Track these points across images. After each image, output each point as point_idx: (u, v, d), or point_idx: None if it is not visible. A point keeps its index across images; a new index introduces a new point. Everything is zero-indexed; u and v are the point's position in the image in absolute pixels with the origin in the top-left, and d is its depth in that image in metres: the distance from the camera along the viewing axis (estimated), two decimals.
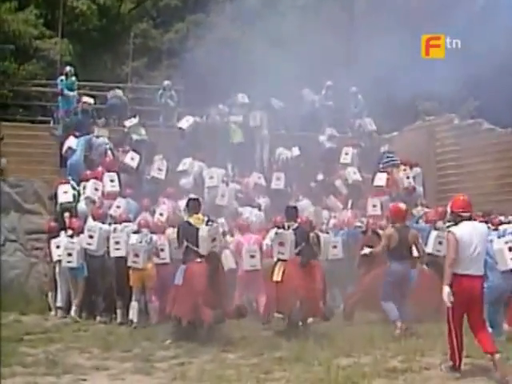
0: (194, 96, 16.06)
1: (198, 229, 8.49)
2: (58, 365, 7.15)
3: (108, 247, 10.51)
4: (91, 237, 10.63)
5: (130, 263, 9.96)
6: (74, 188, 12.16)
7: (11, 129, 14.09)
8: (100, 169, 12.53)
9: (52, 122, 15.30)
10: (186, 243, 8.52)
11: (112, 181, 12.26)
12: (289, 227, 9.14)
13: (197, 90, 16.40)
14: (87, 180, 12.20)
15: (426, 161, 14.61)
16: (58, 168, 13.43)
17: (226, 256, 10.24)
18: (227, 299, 8.87)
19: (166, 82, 15.81)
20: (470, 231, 6.53)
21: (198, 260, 8.41)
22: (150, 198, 12.12)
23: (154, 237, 10.31)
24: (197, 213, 8.86)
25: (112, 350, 8.03)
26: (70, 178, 12.47)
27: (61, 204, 11.94)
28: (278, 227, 9.64)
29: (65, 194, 12.01)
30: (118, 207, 11.64)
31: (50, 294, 11.15)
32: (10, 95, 17.52)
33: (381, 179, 13.25)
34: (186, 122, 14.10)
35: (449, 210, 7.01)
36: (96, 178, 12.23)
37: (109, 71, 20.00)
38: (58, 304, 10.89)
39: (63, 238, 11.00)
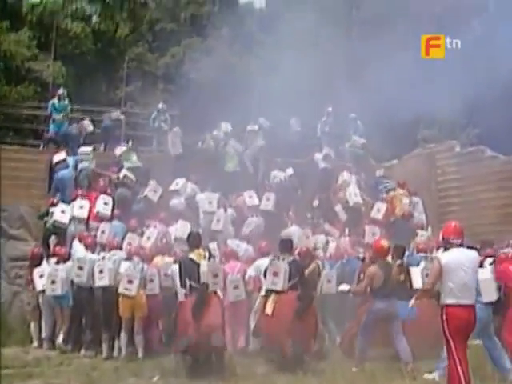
0: (189, 121, 15.70)
1: (199, 265, 8.24)
2: None
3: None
4: (81, 268, 10.01)
5: (121, 290, 9.41)
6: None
7: None
8: (93, 192, 12.25)
9: (42, 146, 14.86)
10: (188, 282, 8.23)
11: (106, 204, 11.95)
12: (284, 259, 8.82)
13: (192, 115, 16.10)
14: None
15: (427, 189, 14.22)
16: (46, 193, 12.90)
17: None
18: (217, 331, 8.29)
19: (161, 105, 15.41)
20: (458, 258, 6.37)
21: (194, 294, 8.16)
22: (139, 217, 11.81)
23: (145, 266, 9.84)
24: (198, 247, 8.56)
25: None
26: (57, 194, 12.19)
27: (54, 222, 11.54)
28: (273, 257, 9.22)
29: (62, 213, 11.63)
30: (103, 232, 11.29)
31: (32, 325, 10.57)
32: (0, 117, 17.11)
33: (379, 211, 12.88)
34: (175, 146, 13.78)
35: (440, 236, 6.81)
36: (89, 199, 11.91)
37: (103, 95, 19.62)
38: (44, 335, 10.33)
39: (46, 267, 10.49)
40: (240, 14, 22.97)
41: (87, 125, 14.22)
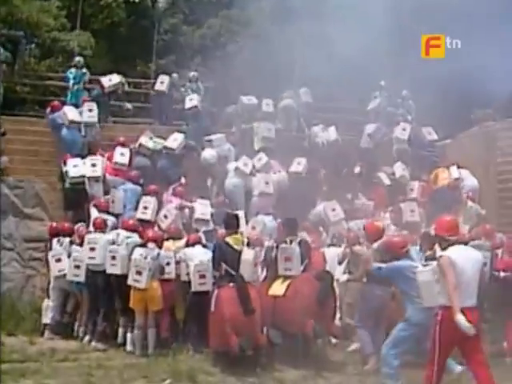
0: (223, 93, 14.60)
1: (240, 251, 7.89)
2: None
3: None
4: (92, 249, 9.05)
5: (130, 282, 8.44)
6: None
7: (16, 123, 12.63)
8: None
9: None
10: (224, 266, 7.75)
11: (122, 154, 11.46)
12: (291, 241, 8.19)
13: (227, 88, 15.00)
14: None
15: (485, 171, 12.68)
16: None
17: None
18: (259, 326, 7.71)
19: (192, 73, 14.59)
20: (463, 256, 5.72)
21: (231, 285, 7.62)
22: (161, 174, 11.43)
23: (162, 252, 8.76)
24: (236, 232, 8.16)
25: None
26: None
27: (71, 180, 10.88)
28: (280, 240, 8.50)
29: (74, 167, 10.97)
30: (113, 202, 10.63)
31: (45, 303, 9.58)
32: (26, 90, 16.18)
33: (412, 190, 12.28)
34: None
35: (433, 232, 6.29)
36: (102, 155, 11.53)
37: (134, 67, 18.60)
38: (49, 320, 9.39)
39: (58, 248, 9.52)
40: None
41: (110, 83, 13.29)
